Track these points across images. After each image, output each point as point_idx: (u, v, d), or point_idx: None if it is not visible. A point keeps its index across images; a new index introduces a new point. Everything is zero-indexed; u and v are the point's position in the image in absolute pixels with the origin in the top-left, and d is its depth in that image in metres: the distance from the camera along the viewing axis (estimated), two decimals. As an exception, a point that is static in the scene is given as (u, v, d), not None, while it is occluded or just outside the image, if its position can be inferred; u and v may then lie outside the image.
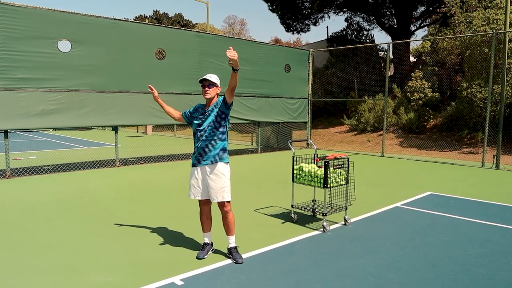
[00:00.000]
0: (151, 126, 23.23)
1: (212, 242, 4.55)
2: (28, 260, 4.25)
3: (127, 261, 4.24)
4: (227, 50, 3.92)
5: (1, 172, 8.94)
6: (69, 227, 5.37)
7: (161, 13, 43.67)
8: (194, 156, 4.39)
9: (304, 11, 23.54)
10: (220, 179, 4.25)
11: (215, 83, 4.27)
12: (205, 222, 4.44)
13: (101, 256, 4.37)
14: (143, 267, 4.09)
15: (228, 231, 4.35)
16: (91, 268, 4.06)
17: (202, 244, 4.55)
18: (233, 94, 4.21)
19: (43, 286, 3.66)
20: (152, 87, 4.70)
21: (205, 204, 4.40)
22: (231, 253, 4.33)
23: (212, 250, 4.52)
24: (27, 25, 8.65)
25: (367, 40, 24.29)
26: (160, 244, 4.76)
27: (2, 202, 6.67)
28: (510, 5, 11.01)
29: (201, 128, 4.29)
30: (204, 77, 4.28)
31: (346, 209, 5.65)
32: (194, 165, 4.38)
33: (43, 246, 4.67)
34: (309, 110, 15.41)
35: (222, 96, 4.31)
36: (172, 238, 5.00)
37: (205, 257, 4.35)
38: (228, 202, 4.29)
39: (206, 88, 4.26)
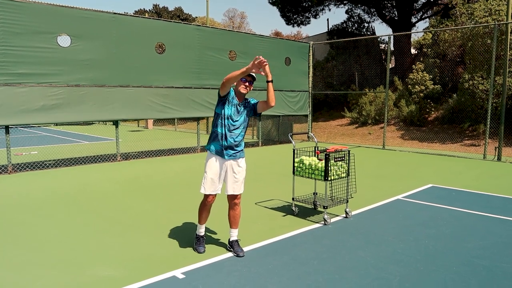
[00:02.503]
0: (152, 120, 23.23)
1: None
2: (30, 255, 4.26)
3: (128, 255, 4.25)
4: (260, 61, 3.87)
5: (3, 168, 8.95)
6: (70, 222, 5.38)
7: (160, 7, 43.51)
8: (218, 144, 4.20)
9: (304, 4, 23.41)
10: (243, 173, 4.35)
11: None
12: (206, 215, 4.40)
13: (103, 250, 4.38)
14: (145, 261, 4.10)
15: (234, 223, 4.36)
16: (93, 262, 4.07)
17: (197, 237, 4.46)
18: (266, 109, 4.25)
19: (46, 280, 3.67)
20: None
21: (214, 198, 4.33)
22: (232, 246, 4.33)
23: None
24: (27, 20, 8.61)
25: (368, 33, 24.18)
26: (162, 238, 4.77)
27: (4, 197, 6.68)
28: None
29: (236, 123, 4.22)
30: (253, 74, 4.18)
31: (347, 201, 5.65)
32: (219, 154, 4.21)
33: (45, 241, 4.68)
34: (310, 103, 15.37)
35: (254, 102, 4.31)
36: (173, 231, 5.00)
37: (204, 250, 4.35)
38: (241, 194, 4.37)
39: (247, 84, 4.19)
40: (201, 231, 4.44)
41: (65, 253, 4.31)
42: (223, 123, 4.19)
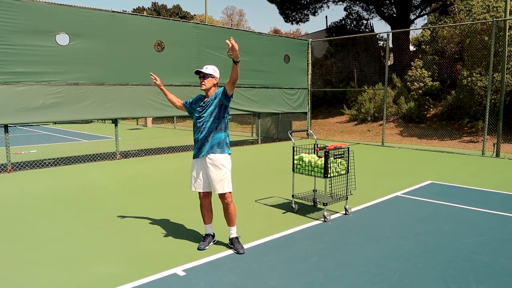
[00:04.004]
0: (151, 118, 23.22)
1: (213, 233, 4.57)
2: (30, 253, 4.27)
3: (129, 253, 4.27)
4: (227, 40, 3.91)
5: (2, 166, 8.95)
6: (70, 220, 5.39)
7: (159, 4, 43.43)
8: (194, 148, 4.39)
9: (302, 1, 23.39)
10: (220, 171, 4.22)
11: (211, 74, 4.24)
12: (206, 214, 4.45)
13: (103, 248, 4.40)
14: (145, 259, 4.11)
15: (229, 222, 4.37)
16: (94, 260, 4.09)
17: (204, 235, 4.57)
18: (233, 87, 4.18)
19: (46, 279, 3.68)
20: (154, 75, 4.78)
21: (205, 196, 4.40)
22: (233, 243, 4.35)
23: (214, 241, 4.54)
24: (25, 19, 8.60)
25: (367, 30, 24.17)
26: (162, 236, 4.78)
27: (4, 196, 6.69)
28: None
29: (201, 119, 4.28)
30: (199, 69, 4.29)
31: (347, 198, 5.66)
32: (195, 156, 4.37)
33: (46, 239, 4.69)
34: (309, 100, 15.38)
35: (222, 87, 4.26)
36: (174, 229, 5.02)
37: (206, 248, 4.37)
38: (229, 193, 4.29)
39: (201, 80, 4.27)
40: (206, 229, 4.51)
41: (65, 251, 4.32)
42: (194, 129, 4.38)
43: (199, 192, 4.39)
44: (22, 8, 8.55)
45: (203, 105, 4.30)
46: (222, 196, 4.27)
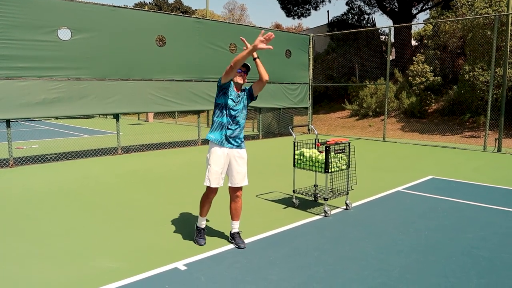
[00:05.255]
0: (153, 113, 23.22)
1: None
2: (32, 247, 4.29)
3: (130, 247, 4.28)
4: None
5: (4, 161, 8.97)
6: (72, 215, 5.41)
7: (160, -1, 43.25)
8: (220, 133, 4.20)
9: (304, -5, 23.32)
10: (245, 164, 4.34)
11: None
12: (208, 207, 4.41)
13: (105, 243, 4.41)
14: (147, 253, 4.13)
15: (235, 216, 4.37)
16: (95, 254, 4.10)
17: (198, 228, 4.46)
18: (261, 88, 4.31)
19: (49, 272, 3.71)
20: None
21: (216, 191, 4.32)
22: (234, 238, 4.36)
23: (205, 231, 4.53)
24: (27, 14, 8.58)
25: (368, 24, 24.08)
26: (163, 230, 4.80)
27: (6, 191, 6.71)
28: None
29: (236, 112, 4.24)
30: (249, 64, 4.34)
31: (348, 193, 5.67)
32: (221, 144, 4.20)
33: (47, 233, 4.71)
34: (310, 95, 15.35)
35: (248, 87, 4.35)
36: (175, 224, 5.03)
37: (205, 242, 4.37)
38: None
39: (244, 74, 4.31)
40: (202, 223, 4.45)
41: (67, 245, 4.34)
42: (226, 112, 4.20)
43: (213, 188, 4.24)
44: (24, 2, 8.53)
45: (239, 97, 4.29)
46: (239, 189, 4.32)
